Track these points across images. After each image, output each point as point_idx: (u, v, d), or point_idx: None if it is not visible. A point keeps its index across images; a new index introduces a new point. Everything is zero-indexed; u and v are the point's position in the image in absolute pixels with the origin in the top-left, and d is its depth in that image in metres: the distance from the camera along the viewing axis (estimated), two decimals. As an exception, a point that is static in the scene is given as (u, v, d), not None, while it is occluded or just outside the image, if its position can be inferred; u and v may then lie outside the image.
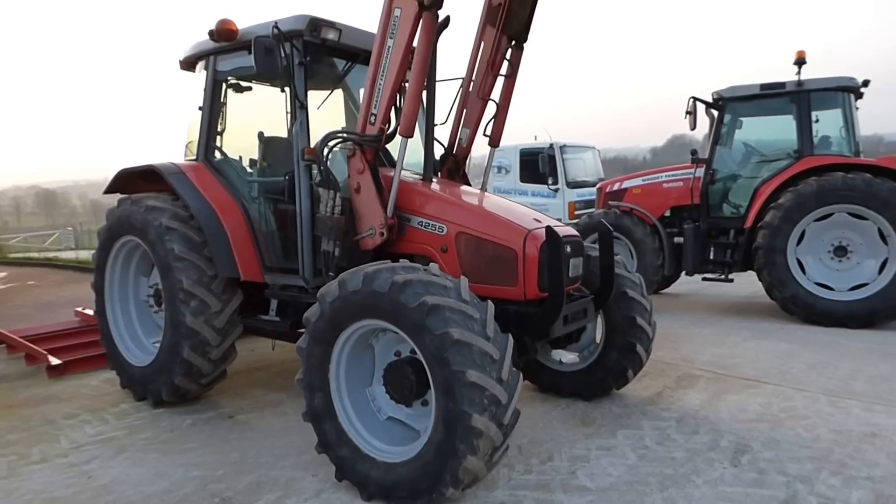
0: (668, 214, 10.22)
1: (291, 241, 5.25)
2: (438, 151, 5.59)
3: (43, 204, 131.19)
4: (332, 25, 5.12)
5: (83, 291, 13.99)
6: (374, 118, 4.71)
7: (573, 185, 15.74)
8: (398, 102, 5.11)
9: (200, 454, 4.70)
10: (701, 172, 9.69)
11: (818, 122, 9.02)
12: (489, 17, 5.36)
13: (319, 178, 4.81)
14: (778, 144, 9.59)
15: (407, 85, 4.94)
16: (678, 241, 9.93)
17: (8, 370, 7.21)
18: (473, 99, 5.57)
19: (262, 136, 5.90)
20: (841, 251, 8.46)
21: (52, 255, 27.47)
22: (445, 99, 5.57)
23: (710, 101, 9.81)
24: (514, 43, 5.43)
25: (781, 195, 8.59)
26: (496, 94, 5.58)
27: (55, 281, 17.04)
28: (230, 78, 5.79)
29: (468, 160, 5.84)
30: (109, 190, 6.28)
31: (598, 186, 11.57)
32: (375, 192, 4.69)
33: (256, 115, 6.18)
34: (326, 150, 4.74)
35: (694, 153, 9.82)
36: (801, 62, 9.05)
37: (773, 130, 9.89)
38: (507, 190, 15.87)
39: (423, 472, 3.56)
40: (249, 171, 5.83)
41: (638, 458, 4.39)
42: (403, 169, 4.78)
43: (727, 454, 4.40)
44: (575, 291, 4.90)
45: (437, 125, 5.40)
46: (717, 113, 9.77)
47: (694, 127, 9.62)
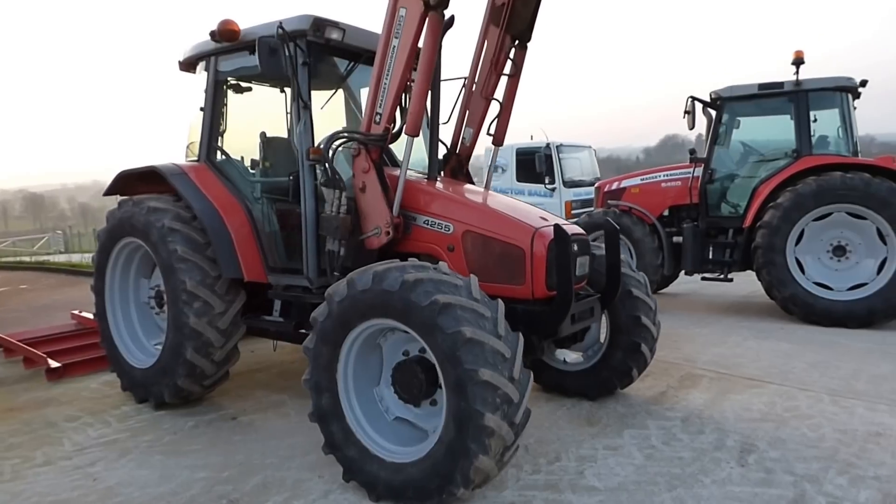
0: (666, 214, 10.23)
1: (295, 241, 5.23)
2: (441, 150, 5.58)
3: (30, 208, 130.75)
4: (335, 25, 5.10)
5: (77, 295, 14.01)
6: (378, 117, 4.69)
7: (570, 184, 15.74)
8: (403, 102, 5.09)
9: (205, 456, 4.68)
10: (700, 172, 9.69)
11: (816, 121, 9.04)
12: (492, 16, 5.35)
13: (325, 177, 4.78)
14: (775, 144, 9.61)
15: (411, 84, 4.93)
16: (677, 240, 9.94)
17: (6, 374, 7.14)
18: (477, 98, 5.57)
19: (264, 136, 5.87)
20: (840, 251, 8.47)
21: (43, 258, 27.33)
22: (448, 98, 5.56)
23: (708, 100, 9.83)
24: (517, 42, 5.43)
25: (780, 195, 8.59)
26: (499, 93, 5.58)
27: (48, 284, 16.96)
28: (231, 78, 5.76)
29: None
30: (109, 192, 6.23)
31: (596, 186, 11.58)
32: (381, 191, 4.67)
33: (256, 115, 6.15)
34: (332, 149, 4.72)
35: (693, 152, 9.82)
36: (799, 62, 9.05)
37: (770, 130, 9.89)
38: (503, 189, 15.85)
39: (433, 472, 3.54)
40: (252, 171, 5.80)
41: (645, 457, 4.39)
42: (412, 168, 4.76)
43: (733, 454, 4.40)
44: (580, 290, 4.89)
45: (440, 124, 5.40)
46: (715, 113, 9.79)
47: (693, 126, 9.63)
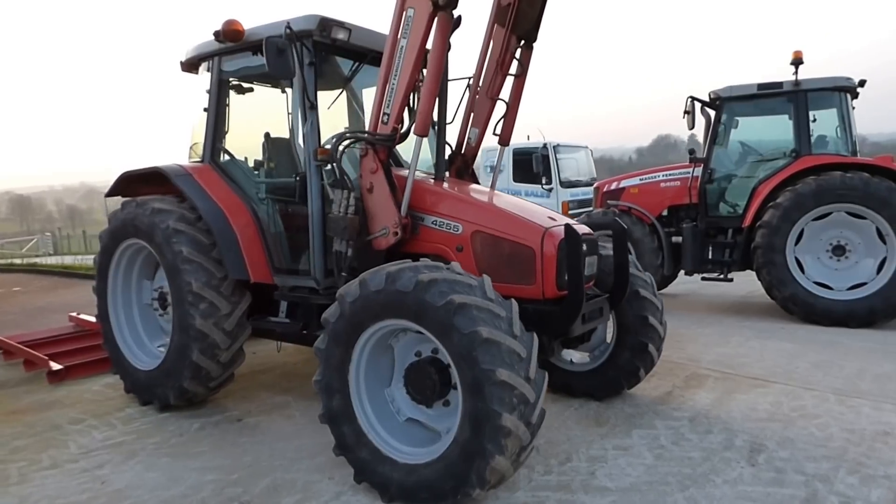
0: (665, 214, 10.25)
1: (302, 242, 5.20)
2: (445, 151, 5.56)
3: (17, 209, 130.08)
4: (341, 25, 5.08)
5: (71, 297, 13.94)
6: (386, 118, 4.66)
7: (566, 184, 15.74)
8: (411, 102, 5.08)
9: (213, 458, 4.65)
10: (699, 172, 9.71)
11: (815, 121, 9.07)
12: (498, 16, 5.33)
13: (333, 178, 4.75)
14: (774, 144, 9.64)
15: (419, 84, 4.91)
16: (676, 240, 9.95)
17: (7, 376, 7.08)
18: (482, 98, 5.55)
19: (268, 136, 5.84)
20: (839, 250, 8.49)
21: (35, 260, 27.17)
22: (453, 98, 5.56)
23: (707, 100, 9.85)
24: (523, 42, 5.41)
25: (780, 194, 8.61)
26: (505, 93, 5.56)
27: (41, 287, 16.83)
28: (234, 79, 5.73)
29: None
30: (111, 193, 6.19)
31: (595, 186, 11.58)
32: (389, 191, 4.65)
33: (259, 115, 6.12)
34: (340, 149, 4.70)
35: (692, 152, 9.84)
36: (798, 62, 9.08)
37: (768, 130, 9.92)
38: (499, 190, 15.83)
39: (447, 472, 3.52)
40: (257, 172, 5.77)
41: (655, 457, 4.39)
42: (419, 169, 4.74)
43: (743, 453, 4.40)
44: (588, 290, 4.88)
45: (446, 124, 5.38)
46: (714, 112, 9.81)
47: (692, 126, 9.65)
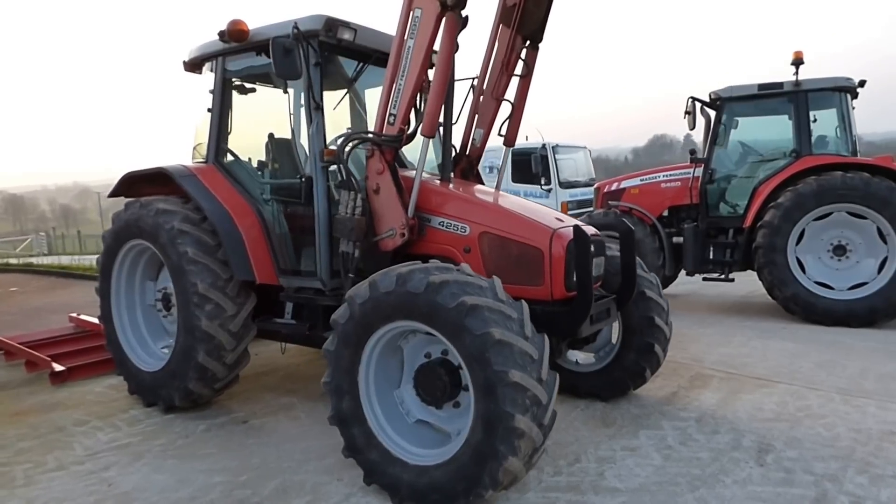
0: (665, 214, 10.25)
1: (308, 243, 5.19)
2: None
3: (10, 209, 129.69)
4: (347, 25, 5.06)
5: (69, 297, 13.88)
6: (392, 118, 4.65)
7: (565, 185, 15.72)
8: (418, 103, 5.07)
9: (220, 460, 4.63)
10: (700, 172, 9.72)
11: (816, 121, 9.08)
12: (503, 17, 5.32)
13: (339, 179, 4.74)
14: (774, 144, 9.66)
15: (426, 85, 4.90)
16: (676, 240, 9.96)
17: (9, 377, 7.04)
18: (487, 99, 5.54)
19: (272, 137, 5.82)
20: (840, 250, 8.52)
21: (31, 260, 27.06)
22: (457, 99, 5.52)
23: (707, 100, 9.86)
24: (528, 43, 5.40)
25: (781, 194, 8.62)
26: (510, 94, 5.56)
27: (38, 287, 16.73)
28: (238, 79, 5.72)
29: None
30: (114, 193, 6.17)
31: (595, 186, 11.58)
32: (396, 192, 4.63)
33: (259, 116, 6.11)
34: (347, 150, 4.68)
35: (693, 153, 9.85)
36: (798, 62, 9.11)
37: (768, 130, 9.95)
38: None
39: (458, 474, 3.51)
40: (261, 172, 5.75)
41: (663, 458, 4.39)
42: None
43: (751, 453, 4.41)
44: (595, 291, 4.87)
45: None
46: (714, 113, 9.82)
47: (693, 127, 9.65)
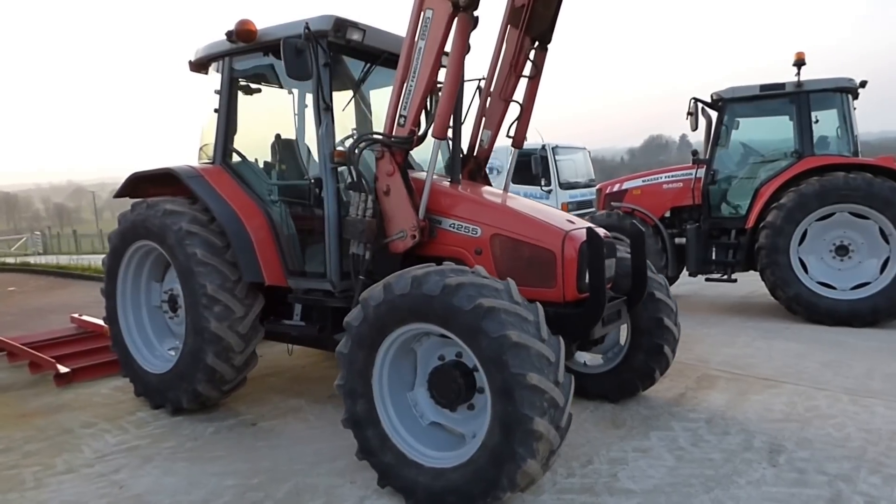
0: (667, 215, 10.27)
1: (316, 244, 5.17)
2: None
3: (4, 208, 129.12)
4: (355, 26, 5.05)
5: (68, 297, 13.81)
6: (403, 120, 4.63)
7: (565, 186, 15.71)
8: (428, 104, 5.05)
9: (231, 462, 4.61)
10: (702, 173, 9.73)
11: (818, 122, 9.10)
12: (512, 17, 5.29)
13: (350, 180, 4.72)
14: (775, 145, 9.68)
15: (437, 86, 4.89)
16: (679, 241, 9.98)
17: (13, 379, 7.00)
18: (495, 100, 5.52)
19: (278, 138, 5.81)
20: (842, 250, 8.54)
21: (27, 259, 26.95)
22: (464, 100, 5.51)
23: (709, 101, 9.87)
24: (537, 44, 5.39)
25: (783, 195, 8.64)
26: (518, 95, 5.55)
27: (37, 287, 16.63)
28: (244, 79, 5.70)
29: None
30: (120, 194, 6.14)
31: (597, 187, 11.60)
32: (406, 194, 4.62)
33: (264, 116, 6.09)
34: (357, 152, 4.67)
35: (695, 154, 9.88)
36: (800, 63, 9.13)
37: (769, 131, 9.97)
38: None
39: (476, 476, 3.50)
40: (271, 173, 5.73)
41: (675, 459, 4.39)
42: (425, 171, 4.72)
43: (763, 454, 4.41)
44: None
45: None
46: (715, 114, 9.83)
47: (695, 128, 9.68)
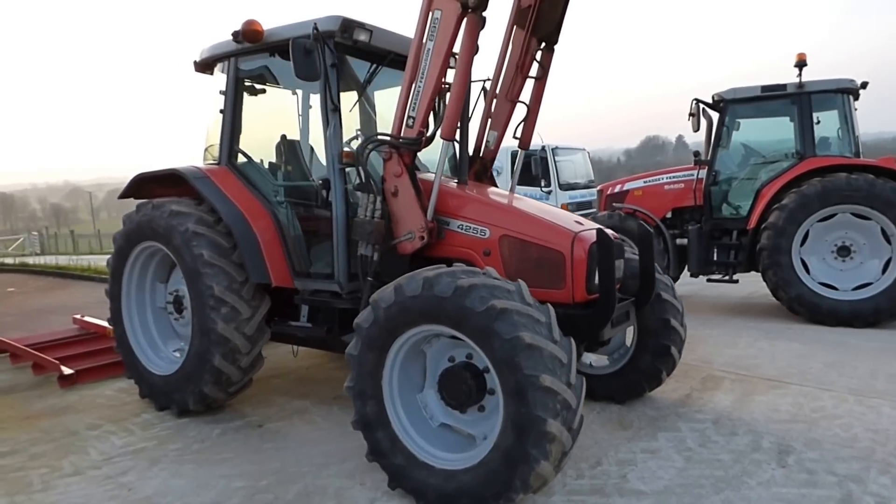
0: (669, 216, 10.28)
1: (323, 245, 5.16)
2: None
3: (0, 208, 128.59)
4: (362, 27, 5.04)
5: (69, 298, 13.76)
6: (411, 121, 4.62)
7: (565, 187, 15.75)
8: (437, 105, 5.05)
9: (238, 464, 4.60)
10: (703, 174, 9.74)
11: (819, 123, 9.12)
12: (518, 18, 5.28)
13: (359, 181, 4.72)
14: (776, 146, 9.69)
15: (445, 87, 4.87)
16: (680, 242, 9.99)
17: (16, 380, 6.98)
18: (501, 101, 5.52)
19: (284, 138, 5.80)
20: (844, 251, 8.54)
21: (25, 260, 26.86)
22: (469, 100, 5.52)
23: (710, 102, 9.88)
24: (543, 45, 5.39)
25: (785, 196, 8.64)
26: (524, 96, 5.54)
27: (36, 287, 16.54)
28: (250, 80, 5.69)
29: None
30: (125, 195, 6.12)
31: (599, 188, 11.60)
32: (414, 195, 4.61)
33: (266, 117, 6.08)
34: (366, 153, 4.66)
35: (696, 154, 9.90)
36: (801, 64, 9.14)
37: (770, 132, 9.98)
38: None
39: (488, 478, 3.49)
40: (277, 174, 5.72)
41: (685, 460, 4.39)
42: (433, 172, 4.71)
43: (772, 455, 4.41)
44: None
45: None
46: (717, 115, 9.84)
47: (697, 129, 9.69)
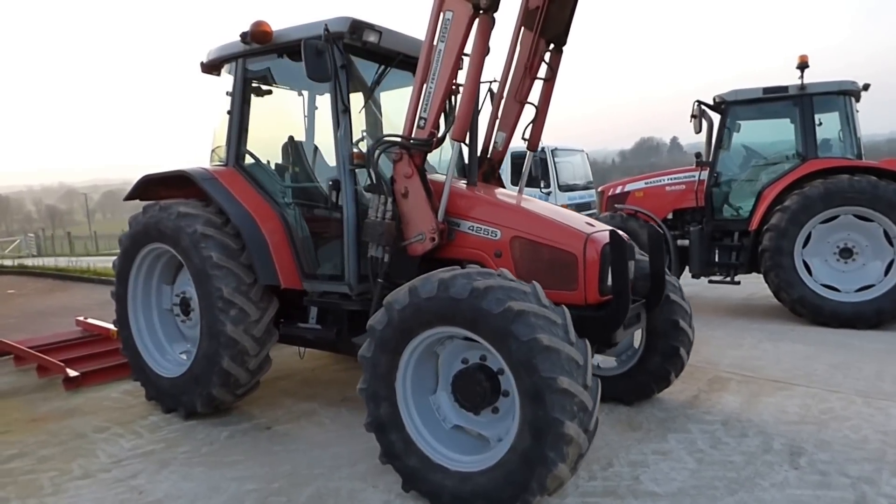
0: (670, 217, 10.29)
1: (333, 247, 5.15)
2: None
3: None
4: (372, 28, 5.04)
5: (70, 300, 13.73)
6: (423, 122, 4.61)
7: (564, 188, 15.77)
8: (447, 106, 5.04)
9: (249, 467, 4.58)
10: (705, 175, 9.75)
11: (821, 125, 9.14)
12: (526, 20, 5.28)
13: (369, 182, 4.71)
14: (777, 147, 9.71)
15: (456, 88, 4.87)
16: (682, 243, 10.00)
17: (20, 383, 6.94)
18: (510, 102, 5.51)
19: (291, 140, 5.78)
20: (846, 253, 8.56)
21: (26, 261, 26.78)
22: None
23: (711, 104, 9.90)
24: (552, 46, 5.40)
25: (787, 197, 8.66)
26: (533, 97, 5.55)
27: (36, 289, 16.47)
28: (257, 81, 5.68)
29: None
30: (130, 196, 6.10)
31: (600, 189, 11.62)
32: (425, 196, 4.60)
33: (271, 118, 6.07)
34: (377, 154, 4.66)
35: (698, 156, 9.91)
36: (803, 66, 9.16)
37: (771, 134, 10.00)
38: None
39: (505, 480, 3.49)
40: (284, 175, 5.70)
41: (696, 462, 4.39)
42: (441, 173, 4.70)
43: (783, 456, 4.42)
44: None
45: None
46: (718, 116, 9.85)
47: (699, 130, 9.72)
